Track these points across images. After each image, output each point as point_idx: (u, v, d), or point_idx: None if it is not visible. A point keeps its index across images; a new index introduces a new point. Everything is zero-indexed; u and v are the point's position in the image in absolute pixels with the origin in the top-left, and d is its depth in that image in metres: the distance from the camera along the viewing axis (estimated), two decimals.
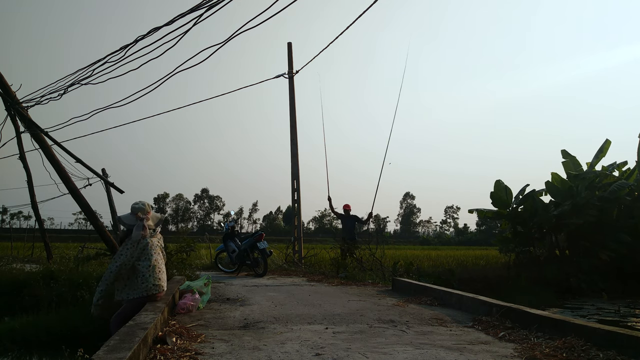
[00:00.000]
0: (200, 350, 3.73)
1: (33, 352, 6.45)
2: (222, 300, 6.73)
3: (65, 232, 62.61)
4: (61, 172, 8.69)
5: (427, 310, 5.97)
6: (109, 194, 11.19)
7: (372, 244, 12.76)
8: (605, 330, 3.78)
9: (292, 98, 14.30)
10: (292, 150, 14.30)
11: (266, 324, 4.94)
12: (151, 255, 4.98)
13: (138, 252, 4.90)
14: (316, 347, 3.88)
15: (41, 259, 15.95)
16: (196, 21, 6.54)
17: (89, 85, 8.47)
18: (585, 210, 13.61)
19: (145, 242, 4.97)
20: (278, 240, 40.36)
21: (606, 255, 13.14)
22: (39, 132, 8.65)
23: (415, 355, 3.66)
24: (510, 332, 4.43)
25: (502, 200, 15.26)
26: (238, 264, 11.14)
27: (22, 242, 27.02)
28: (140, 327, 3.71)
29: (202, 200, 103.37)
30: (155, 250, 5.07)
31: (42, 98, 9.17)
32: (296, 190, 13.99)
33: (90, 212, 8.96)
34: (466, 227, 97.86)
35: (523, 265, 14.53)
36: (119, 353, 2.90)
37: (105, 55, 7.85)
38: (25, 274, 10.42)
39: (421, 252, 28.65)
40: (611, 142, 15.40)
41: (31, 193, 13.74)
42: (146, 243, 4.97)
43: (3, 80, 8.79)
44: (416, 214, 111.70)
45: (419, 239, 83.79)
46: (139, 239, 4.92)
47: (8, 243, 25.23)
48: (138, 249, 4.91)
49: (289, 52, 14.40)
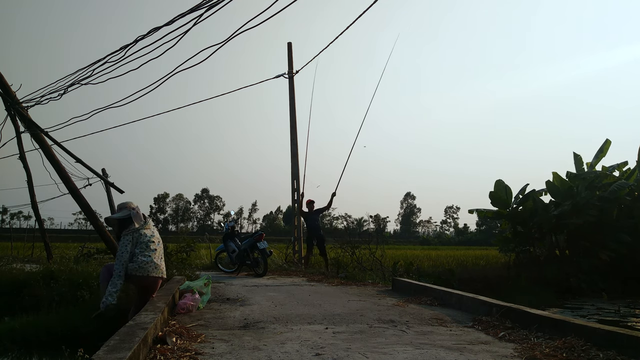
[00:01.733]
0: (200, 350, 3.73)
1: (33, 352, 6.44)
2: (222, 300, 6.73)
3: (65, 232, 62.61)
4: (61, 172, 8.70)
5: (427, 310, 5.97)
6: (109, 194, 11.18)
7: (372, 244, 12.75)
8: (605, 330, 3.78)
9: (292, 98, 14.30)
10: (292, 150, 14.30)
11: (266, 324, 4.94)
12: (151, 242, 5.47)
13: (139, 244, 5.39)
14: (316, 347, 3.88)
15: (41, 259, 15.93)
16: (196, 21, 6.55)
17: (89, 85, 8.48)
18: (585, 210, 13.61)
19: (140, 233, 5.41)
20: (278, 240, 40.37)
21: (606, 255, 13.14)
22: (39, 132, 8.66)
23: (415, 355, 3.66)
24: (510, 332, 4.43)
25: (502, 200, 15.26)
26: (238, 264, 11.14)
27: (22, 242, 27.00)
28: (140, 327, 3.71)
29: (202, 200, 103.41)
30: (153, 237, 5.55)
31: (42, 98, 9.18)
32: (296, 190, 13.99)
33: (90, 212, 8.96)
34: (466, 227, 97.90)
35: (523, 265, 14.52)
36: (119, 353, 2.90)
37: (105, 55, 7.86)
38: (25, 274, 10.41)
39: (421, 252, 28.66)
40: (611, 142, 15.41)
41: (31, 193, 13.73)
42: (142, 233, 5.42)
43: (3, 80, 8.80)
44: (416, 214, 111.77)
45: (419, 239, 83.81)
46: (135, 227, 5.40)
47: (8, 243, 25.23)
48: (138, 240, 5.39)
49: (289, 52, 14.41)
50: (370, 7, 6.99)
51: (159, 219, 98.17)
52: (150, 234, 5.54)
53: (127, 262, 5.25)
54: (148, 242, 5.45)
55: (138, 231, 5.44)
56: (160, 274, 5.50)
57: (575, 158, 15.57)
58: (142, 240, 5.41)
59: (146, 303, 5.11)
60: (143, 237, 5.43)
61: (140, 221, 5.53)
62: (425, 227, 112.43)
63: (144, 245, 5.40)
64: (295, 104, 14.38)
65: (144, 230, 5.50)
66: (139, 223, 5.49)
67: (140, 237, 5.42)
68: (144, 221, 5.59)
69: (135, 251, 5.36)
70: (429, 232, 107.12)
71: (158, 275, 5.45)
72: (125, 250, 5.27)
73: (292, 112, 14.37)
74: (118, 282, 5.16)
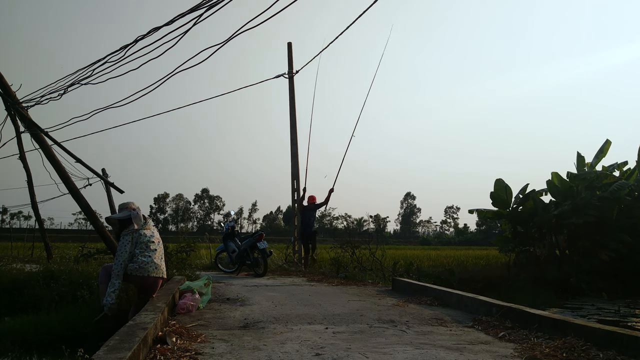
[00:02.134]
0: (200, 350, 3.73)
1: (33, 352, 6.44)
2: (222, 300, 6.72)
3: (65, 232, 62.59)
4: (61, 172, 8.69)
5: (427, 310, 5.97)
6: (109, 194, 11.20)
7: (372, 244, 12.75)
8: (605, 330, 3.78)
9: (292, 98, 14.29)
10: (292, 150, 14.29)
11: (266, 324, 4.94)
12: (151, 242, 5.51)
13: (139, 244, 5.44)
14: (316, 347, 3.88)
15: (41, 259, 15.92)
16: (196, 21, 6.54)
17: (89, 85, 8.48)
18: (585, 210, 13.59)
19: (140, 233, 5.45)
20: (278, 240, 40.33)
21: (606, 255, 13.12)
22: (39, 132, 8.65)
23: (415, 355, 3.66)
24: (510, 332, 4.43)
25: (502, 200, 15.25)
26: (238, 264, 11.14)
27: (22, 242, 27.01)
28: (140, 327, 3.71)
29: (202, 200, 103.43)
30: (153, 238, 5.58)
31: (42, 98, 9.17)
32: (296, 190, 13.99)
33: (90, 212, 8.96)
34: (466, 227, 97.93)
35: (523, 265, 14.51)
36: (119, 353, 2.90)
37: (105, 55, 7.86)
38: (25, 274, 10.41)
39: (421, 252, 28.66)
40: (611, 143, 15.41)
41: (31, 193, 13.74)
42: (142, 233, 5.46)
43: (3, 80, 8.79)
44: (416, 214, 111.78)
45: (419, 239, 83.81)
46: (135, 228, 5.43)
47: (8, 243, 25.22)
48: (138, 240, 5.44)
49: (289, 52, 14.40)
50: (370, 7, 6.99)
51: (159, 219, 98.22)
52: (150, 234, 5.57)
53: (126, 262, 5.28)
54: (148, 242, 5.47)
55: (138, 231, 5.46)
56: (161, 274, 5.52)
57: (579, 158, 15.55)
58: (142, 241, 5.44)
59: (146, 303, 5.13)
60: (143, 237, 5.46)
61: (140, 222, 5.54)
62: (425, 227, 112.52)
63: (144, 246, 5.42)
64: (296, 104, 14.40)
65: (144, 231, 5.52)
66: (139, 224, 5.52)
67: (140, 238, 5.44)
68: (144, 222, 5.62)
69: (135, 251, 5.38)
70: (429, 232, 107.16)
71: (158, 276, 5.47)
72: (125, 250, 5.30)
73: (292, 112, 14.37)
74: (116, 282, 5.19)
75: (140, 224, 5.52)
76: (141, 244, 5.42)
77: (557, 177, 15.11)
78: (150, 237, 5.54)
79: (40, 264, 12.93)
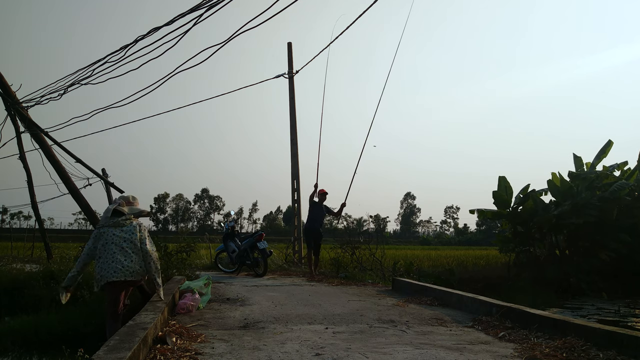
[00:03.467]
0: (200, 350, 3.73)
1: (33, 352, 6.45)
2: (222, 300, 6.72)
3: (65, 232, 62.51)
4: (61, 172, 8.70)
5: (427, 310, 5.97)
6: (109, 194, 11.19)
7: (372, 244, 12.74)
8: (605, 330, 3.78)
9: (292, 98, 14.29)
10: (292, 150, 14.30)
11: (266, 324, 4.94)
12: (114, 242, 4.82)
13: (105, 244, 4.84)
14: (316, 347, 3.88)
15: (41, 259, 15.93)
16: (196, 21, 6.55)
17: (89, 85, 8.49)
18: (585, 210, 13.59)
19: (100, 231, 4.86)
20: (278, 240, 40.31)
21: (606, 255, 13.12)
22: (39, 132, 8.66)
23: (415, 355, 3.66)
24: (510, 332, 4.43)
25: (503, 200, 15.25)
26: (238, 264, 11.14)
27: (22, 242, 26.99)
28: (140, 327, 3.71)
29: (202, 200, 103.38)
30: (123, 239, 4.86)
31: (42, 98, 9.18)
32: (296, 190, 13.99)
33: (90, 212, 8.97)
34: (466, 227, 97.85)
35: (523, 265, 14.50)
36: (119, 353, 2.90)
37: (105, 55, 7.88)
38: (26, 274, 10.42)
39: (421, 252, 28.64)
40: (613, 143, 15.43)
41: (31, 193, 13.73)
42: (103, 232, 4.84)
43: (3, 80, 8.80)
44: (416, 214, 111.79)
45: (419, 239, 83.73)
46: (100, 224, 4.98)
47: (8, 243, 25.21)
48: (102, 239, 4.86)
49: (289, 52, 14.40)
50: (370, 7, 7.00)
51: (159, 219, 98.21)
52: (119, 234, 4.85)
53: (87, 258, 4.90)
54: (112, 242, 4.80)
55: (99, 229, 4.88)
56: (123, 277, 4.75)
57: (575, 160, 15.57)
58: (107, 240, 4.79)
59: (118, 308, 4.79)
60: (106, 235, 4.83)
61: (107, 215, 4.90)
62: (425, 227, 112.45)
63: (102, 247, 4.79)
64: (296, 104, 14.40)
65: (112, 229, 4.85)
66: (105, 219, 4.89)
67: (101, 236, 4.83)
68: (116, 218, 4.90)
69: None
70: (429, 232, 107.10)
71: (120, 280, 4.74)
72: (87, 246, 4.93)
73: (292, 112, 14.37)
74: (74, 270, 5.07)
75: (106, 218, 4.89)
76: (106, 244, 4.78)
77: (558, 177, 15.11)
78: (118, 236, 4.82)
79: (40, 264, 12.94)
